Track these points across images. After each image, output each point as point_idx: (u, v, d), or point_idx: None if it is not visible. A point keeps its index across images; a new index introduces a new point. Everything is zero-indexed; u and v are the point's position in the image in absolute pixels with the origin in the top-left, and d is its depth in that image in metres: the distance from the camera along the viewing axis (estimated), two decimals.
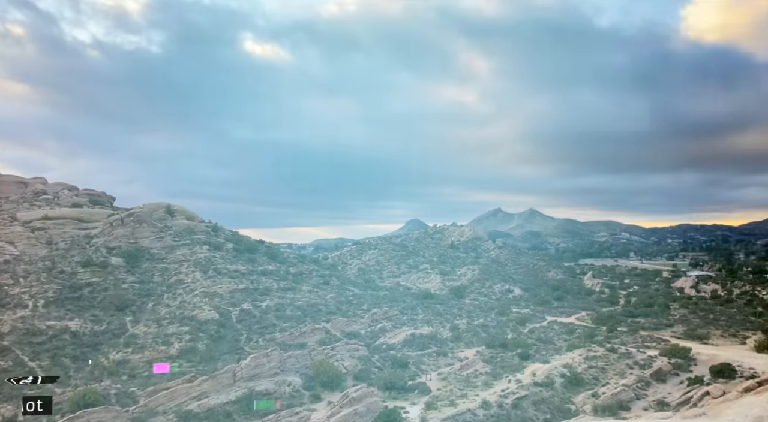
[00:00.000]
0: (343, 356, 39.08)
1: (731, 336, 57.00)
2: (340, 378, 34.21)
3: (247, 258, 78.21)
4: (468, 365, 39.41)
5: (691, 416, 16.73)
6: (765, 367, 34.96)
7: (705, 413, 17.11)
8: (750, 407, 15.20)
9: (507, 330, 57.79)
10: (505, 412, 27.21)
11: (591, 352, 40.72)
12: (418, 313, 67.20)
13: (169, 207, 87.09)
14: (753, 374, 33.09)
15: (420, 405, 29.17)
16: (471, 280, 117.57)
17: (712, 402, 21.57)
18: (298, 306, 61.29)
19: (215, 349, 46.98)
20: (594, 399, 30.25)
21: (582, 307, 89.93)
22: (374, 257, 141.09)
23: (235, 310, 56.11)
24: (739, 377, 33.31)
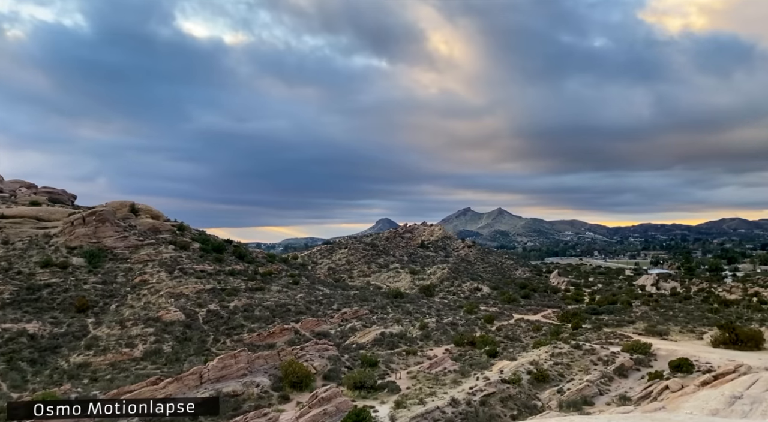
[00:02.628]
0: (313, 356, 38.87)
1: (689, 332, 59.06)
2: (310, 379, 33.99)
3: (215, 258, 77.08)
4: (437, 363, 39.72)
5: (651, 410, 17.27)
6: (720, 362, 36.33)
7: (664, 407, 17.68)
8: (706, 400, 15.77)
9: (475, 328, 58.49)
10: (473, 409, 27.52)
11: (556, 349, 41.57)
12: (388, 312, 67.41)
13: (133, 205, 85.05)
14: (709, 368, 34.36)
15: (389, 403, 29.25)
16: (440, 279, 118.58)
17: (671, 396, 22.33)
18: (267, 306, 60.69)
19: (181, 351, 46.12)
20: (559, 395, 30.90)
21: (548, 305, 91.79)
22: (344, 256, 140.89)
23: (201, 311, 55.20)
24: (696, 371, 34.52)
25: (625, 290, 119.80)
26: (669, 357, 39.12)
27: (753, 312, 77.70)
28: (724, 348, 46.44)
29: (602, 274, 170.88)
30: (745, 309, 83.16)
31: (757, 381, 17.61)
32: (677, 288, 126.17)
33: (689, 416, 4.12)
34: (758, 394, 15.71)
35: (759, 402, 14.78)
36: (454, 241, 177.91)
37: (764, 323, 61.51)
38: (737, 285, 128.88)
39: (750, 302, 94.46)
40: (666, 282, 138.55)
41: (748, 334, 47.80)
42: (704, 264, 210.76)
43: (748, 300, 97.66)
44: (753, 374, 20.09)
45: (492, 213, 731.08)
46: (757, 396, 15.52)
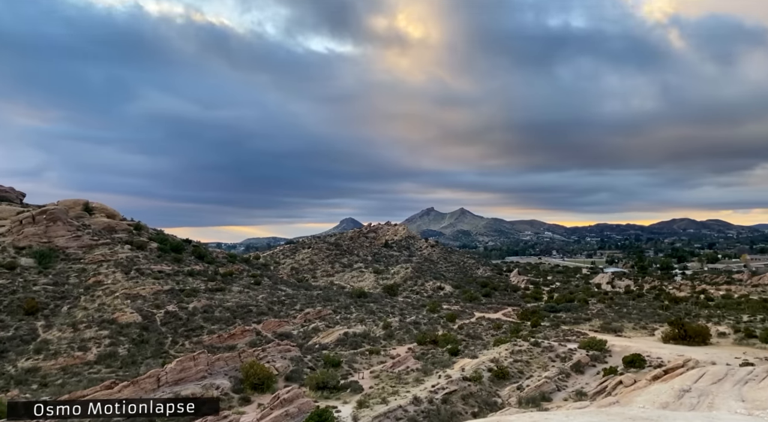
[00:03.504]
0: (275, 357, 38.40)
1: (642, 328, 61.28)
2: (271, 380, 33.57)
3: (173, 259, 75.20)
4: (400, 362, 39.91)
5: (606, 404, 17.84)
6: (670, 357, 37.85)
7: (618, 401, 18.31)
8: (657, 394, 16.40)
9: (438, 327, 59.05)
10: (435, 407, 27.78)
11: (516, 347, 42.40)
12: (352, 312, 67.27)
13: (87, 204, 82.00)
14: (660, 363, 35.74)
15: (352, 403, 29.20)
16: (404, 278, 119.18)
17: (624, 391, 23.12)
18: (228, 307, 59.60)
19: (138, 353, 44.76)
20: (519, 391, 31.54)
21: (508, 303, 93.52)
22: (308, 256, 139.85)
23: (159, 312, 53.74)
24: (648, 366, 35.84)
25: (582, 288, 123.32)
26: (623, 353, 40.49)
27: (700, 308, 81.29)
28: (674, 343, 48.41)
29: (560, 273, 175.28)
30: (694, 306, 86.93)
31: (704, 374, 18.45)
32: (631, 286, 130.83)
33: (641, 410, 4.31)
34: (705, 387, 16.46)
35: (706, 394, 15.49)
36: (418, 241, 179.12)
37: (711, 319, 64.48)
38: (686, 283, 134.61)
39: (698, 299, 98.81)
40: (620, 281, 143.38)
41: (695, 330, 49.96)
42: (656, 263, 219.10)
43: (696, 298, 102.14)
44: (700, 368, 21.02)
45: (455, 213, 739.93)
46: (704, 389, 16.26)
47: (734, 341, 50.03)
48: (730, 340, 50.57)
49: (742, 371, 18.46)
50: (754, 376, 17.21)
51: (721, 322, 61.21)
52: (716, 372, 18.57)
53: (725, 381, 16.92)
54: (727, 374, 17.95)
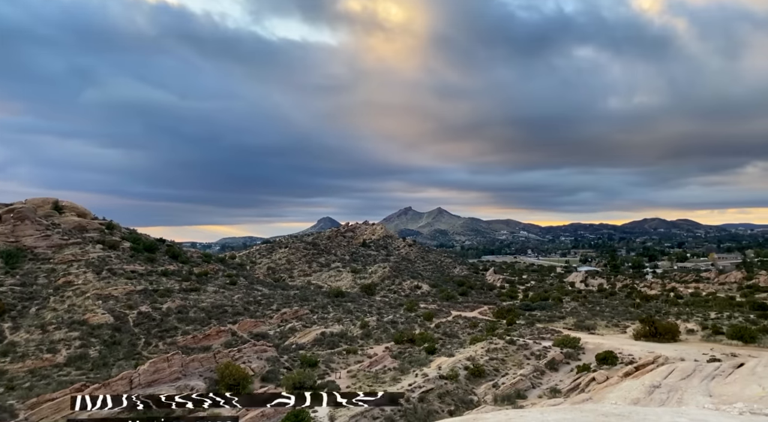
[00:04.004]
0: (251, 358, 38.04)
1: (614, 326, 62.54)
2: (247, 381, 33.23)
3: (146, 258, 73.86)
4: (377, 361, 39.95)
5: (580, 401, 18.16)
6: (641, 353, 38.72)
7: (591, 398, 18.66)
8: (629, 390, 16.76)
9: (415, 326, 59.27)
10: (411, 406, 27.88)
11: (492, 345, 42.83)
12: (329, 312, 67.03)
13: (56, 202, 79.93)
14: (631, 360, 36.54)
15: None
16: (381, 278, 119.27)
17: (597, 387, 23.58)
18: (203, 307, 58.79)
19: (109, 355, 43.80)
20: (494, 389, 31.87)
21: (484, 302, 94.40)
22: (285, 256, 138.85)
23: (132, 313, 52.70)
24: (620, 363, 36.59)
25: (556, 287, 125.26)
26: (596, 350, 41.27)
27: (670, 306, 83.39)
28: (644, 340, 49.52)
29: (535, 272, 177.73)
30: (664, 303, 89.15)
31: (674, 371, 18.92)
32: (604, 284, 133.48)
33: (614, 406, 4.42)
34: (674, 383, 16.89)
35: (675, 390, 15.90)
36: (396, 240, 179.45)
37: (680, 316, 66.19)
38: (657, 282, 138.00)
39: (668, 297, 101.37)
40: (594, 279, 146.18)
41: (665, 327, 51.20)
42: (628, 262, 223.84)
43: (666, 295, 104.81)
44: (670, 364, 21.56)
45: (432, 212, 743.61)
46: (674, 384, 16.68)
47: (702, 337, 51.43)
48: (699, 337, 51.97)
49: (709, 367, 18.99)
50: (721, 372, 17.72)
51: (690, 319, 62.87)
52: (685, 368, 19.06)
53: (693, 377, 17.39)
54: (696, 370, 18.45)
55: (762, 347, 45.25)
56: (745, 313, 69.22)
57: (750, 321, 60.28)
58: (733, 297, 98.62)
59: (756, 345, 46.31)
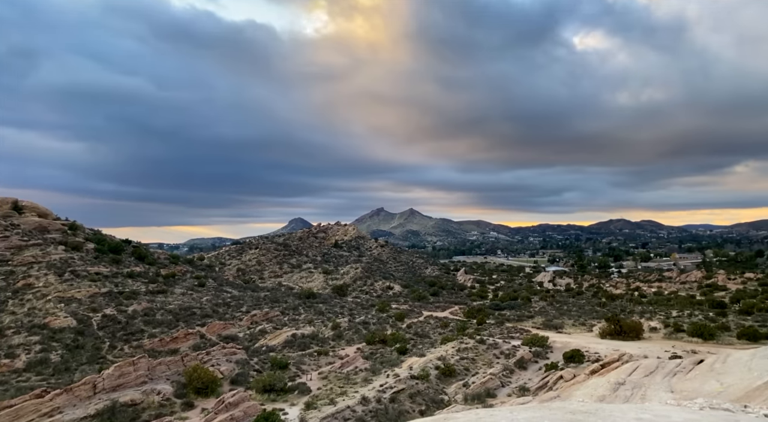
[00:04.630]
0: (220, 360, 37.43)
1: (581, 325, 63.90)
2: (216, 384, 32.68)
3: (111, 260, 71.97)
4: (348, 362, 39.83)
5: (548, 399, 18.48)
6: (607, 351, 39.68)
7: (559, 395, 19.02)
8: (595, 387, 17.15)
9: (387, 326, 59.36)
10: (383, 406, 27.90)
11: (463, 344, 43.23)
12: (300, 313, 66.53)
13: (16, 202, 77.12)
14: (598, 358, 37.40)
15: (300, 405, 28.88)
16: (354, 278, 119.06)
17: (564, 385, 24.05)
18: (170, 309, 57.60)
19: (72, 360, 42.46)
20: (465, 388, 32.17)
21: (455, 302, 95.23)
22: (255, 257, 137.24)
23: (96, 316, 51.25)
24: (586, 361, 37.41)
25: (525, 287, 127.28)
26: (563, 348, 42.09)
27: (634, 305, 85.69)
28: (610, 338, 50.74)
29: (505, 272, 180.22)
30: (628, 302, 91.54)
31: (637, 368, 19.45)
32: (571, 284, 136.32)
33: (580, 403, 4.52)
34: (638, 380, 17.36)
35: (639, 387, 16.35)
36: (368, 241, 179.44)
37: (644, 315, 68.07)
38: (622, 281, 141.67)
39: (632, 296, 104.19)
40: (561, 279, 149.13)
41: (630, 326, 52.58)
42: (594, 262, 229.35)
43: (631, 295, 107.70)
44: (634, 362, 22.14)
45: (404, 213, 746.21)
46: (638, 381, 17.15)
47: (664, 335, 53.01)
48: (661, 335, 53.55)
49: (671, 363, 19.59)
50: (682, 368, 18.30)
51: (653, 318, 64.71)
52: (648, 365, 19.61)
53: (656, 374, 17.91)
54: (658, 367, 19.00)
55: (720, 344, 46.95)
56: (705, 311, 71.65)
57: (709, 318, 62.43)
58: (694, 295, 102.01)
59: (714, 342, 48.01)
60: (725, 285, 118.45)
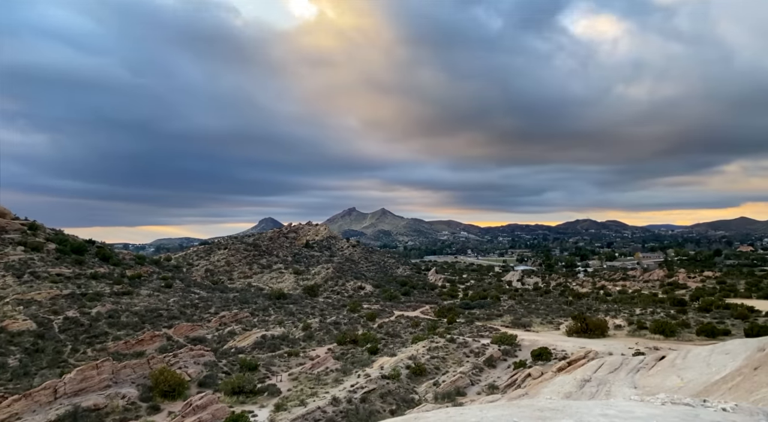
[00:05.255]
0: (187, 362, 36.72)
1: (548, 323, 65.13)
2: (183, 386, 32.05)
3: (74, 261, 69.85)
4: (319, 363, 39.61)
5: (516, 397, 18.77)
6: (573, 349, 40.53)
7: (527, 393, 19.33)
8: (562, 385, 17.49)
9: (358, 326, 59.29)
10: (353, 407, 27.86)
11: (433, 343, 43.52)
12: (270, 314, 65.83)
13: None
14: (564, 355, 38.17)
15: (269, 407, 28.59)
16: (325, 279, 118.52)
17: (532, 383, 24.47)
18: (135, 311, 56.23)
19: (31, 364, 40.95)
20: (435, 387, 32.40)
21: (426, 301, 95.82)
22: (224, 257, 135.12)
23: (57, 319, 49.62)
24: (554, 359, 38.14)
25: (494, 286, 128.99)
26: (531, 346, 42.81)
27: (600, 303, 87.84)
28: (576, 336, 51.87)
29: (474, 271, 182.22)
30: (594, 301, 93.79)
31: (603, 365, 19.94)
32: (539, 283, 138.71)
33: (548, 401, 4.61)
34: (603, 377, 17.80)
35: (604, 383, 16.76)
36: (339, 241, 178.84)
37: (608, 313, 69.82)
38: (588, 280, 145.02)
39: (598, 294, 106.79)
40: (530, 278, 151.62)
41: (595, 323, 53.86)
42: (561, 262, 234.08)
43: (596, 293, 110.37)
44: (599, 359, 22.68)
45: (376, 213, 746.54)
46: (603, 378, 17.58)
47: (628, 332, 54.50)
48: (625, 332, 55.04)
49: (634, 360, 20.15)
50: (645, 365, 18.85)
51: (618, 315, 66.46)
52: (613, 362, 20.13)
53: (620, 370, 18.40)
54: (622, 363, 19.52)
55: (681, 340, 48.55)
56: (666, 309, 73.98)
57: (670, 316, 64.47)
58: (656, 293, 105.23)
59: (675, 338, 49.62)
60: (686, 284, 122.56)
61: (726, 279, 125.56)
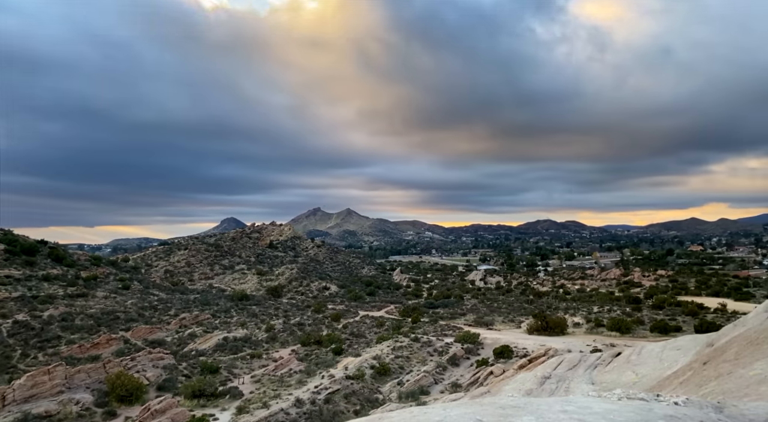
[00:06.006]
0: (146, 366, 35.70)
1: (510, 322, 66.34)
2: (141, 391, 31.15)
3: (24, 262, 66.97)
4: (283, 365, 39.19)
5: (479, 394, 19.04)
6: (534, 347, 41.42)
7: (489, 390, 19.63)
8: (523, 382, 17.84)
9: (323, 327, 58.94)
10: (317, 408, 27.68)
11: (398, 343, 43.70)
12: (233, 316, 64.67)
13: None
14: (525, 353, 38.97)
15: (231, 410, 28.09)
16: (289, 279, 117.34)
17: (494, 381, 24.87)
18: (91, 314, 54.27)
19: None
20: (399, 386, 32.53)
21: (391, 301, 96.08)
22: (184, 258, 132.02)
23: (6, 322, 47.36)
24: (515, 356, 38.89)
25: (458, 285, 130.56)
26: (494, 345, 43.53)
27: (559, 302, 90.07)
28: (537, 334, 53.03)
29: (439, 271, 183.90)
30: (554, 299, 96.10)
31: (562, 362, 20.45)
32: (501, 282, 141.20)
33: (510, 398, 4.71)
34: (562, 373, 18.26)
35: (563, 380, 17.20)
36: (304, 241, 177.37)
37: (568, 311, 71.69)
38: (548, 279, 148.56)
39: (557, 293, 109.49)
40: (492, 277, 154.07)
41: (555, 321, 55.20)
42: (523, 261, 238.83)
43: (556, 292, 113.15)
44: (559, 356, 23.24)
45: (341, 213, 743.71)
46: (562, 375, 18.03)
47: (586, 330, 56.11)
48: (584, 329, 56.63)
49: (592, 357, 20.75)
50: (602, 361, 19.43)
51: (576, 314, 68.31)
52: (571, 359, 20.67)
53: (579, 367, 18.91)
54: (581, 360, 20.07)
55: (636, 337, 50.29)
56: (622, 307, 76.51)
57: (626, 313, 66.71)
58: (613, 292, 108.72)
59: (631, 335, 51.37)
60: (640, 282, 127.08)
61: (678, 277, 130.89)
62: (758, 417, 4.63)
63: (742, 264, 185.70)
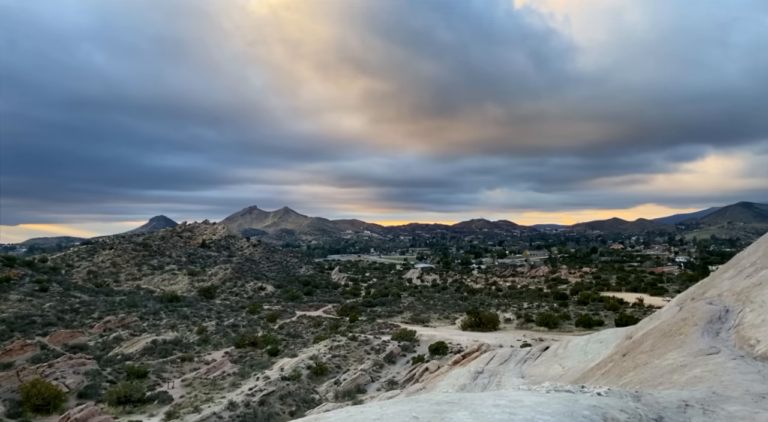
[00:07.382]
0: (65, 373, 33.51)
1: (445, 318, 67.78)
2: (60, 399, 29.21)
3: None
4: (215, 367, 38.01)
5: (414, 391, 19.31)
6: (468, 342, 42.54)
7: (425, 387, 19.96)
8: (457, 377, 18.27)
9: (258, 328, 57.72)
10: (251, 410, 27.07)
11: (335, 342, 43.55)
12: (162, 318, 62.04)
13: None
14: (460, 349, 39.96)
15: (160, 415, 26.93)
16: (222, 280, 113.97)
17: (430, 377, 25.31)
18: (3, 318, 50.34)
19: None
20: (336, 386, 32.42)
21: (329, 300, 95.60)
22: (110, 258, 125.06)
23: None
24: (450, 352, 39.78)
25: (395, 283, 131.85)
26: (429, 341, 44.31)
27: (492, 298, 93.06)
28: (471, 330, 54.52)
29: (377, 269, 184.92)
30: (487, 296, 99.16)
31: (494, 357, 21.11)
32: (437, 280, 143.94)
33: (445, 394, 4.80)
34: (494, 368, 18.85)
35: (495, 374, 17.76)
36: (239, 240, 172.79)
37: (500, 307, 74.20)
38: (481, 276, 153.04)
39: (490, 290, 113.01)
40: (428, 275, 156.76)
41: (488, 318, 56.98)
42: (458, 259, 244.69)
43: (489, 289, 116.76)
44: (491, 351, 23.98)
45: (278, 212, 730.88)
46: (494, 369, 18.62)
47: (517, 325, 58.32)
48: (514, 325, 58.83)
49: (522, 351, 21.56)
50: (531, 355, 20.24)
51: (508, 310, 70.83)
52: (503, 354, 21.39)
53: (510, 362, 19.59)
54: (511, 355, 20.81)
55: (563, 331, 52.83)
56: (550, 303, 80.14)
57: (554, 309, 69.94)
58: (542, 288, 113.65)
59: (558, 329, 53.93)
60: (567, 279, 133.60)
61: (601, 274, 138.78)
62: (671, 404, 4.98)
63: (657, 261, 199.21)
